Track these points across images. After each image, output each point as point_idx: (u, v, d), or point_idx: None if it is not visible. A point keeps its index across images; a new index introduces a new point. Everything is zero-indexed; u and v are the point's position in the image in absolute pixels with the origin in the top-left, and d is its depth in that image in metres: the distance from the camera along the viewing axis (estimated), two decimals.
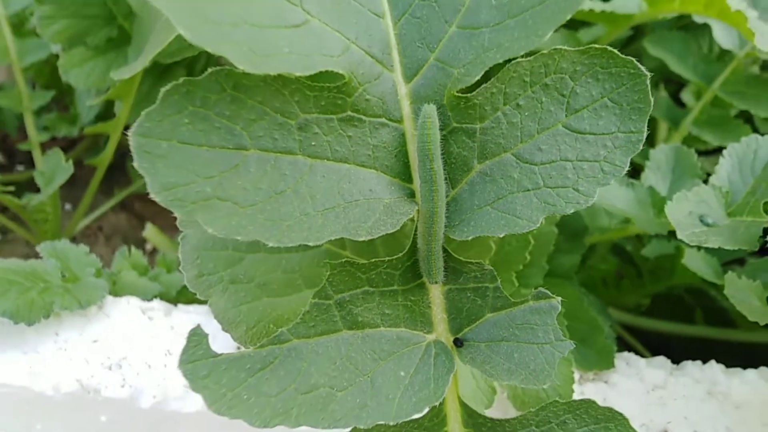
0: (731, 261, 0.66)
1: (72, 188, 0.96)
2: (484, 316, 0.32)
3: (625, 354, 0.55)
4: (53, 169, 0.74)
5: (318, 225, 0.28)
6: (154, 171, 0.26)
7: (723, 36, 0.65)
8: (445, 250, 0.32)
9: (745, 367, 0.58)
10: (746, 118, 0.74)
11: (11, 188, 0.75)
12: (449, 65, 0.32)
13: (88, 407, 0.52)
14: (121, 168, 0.96)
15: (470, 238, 0.30)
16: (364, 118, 0.31)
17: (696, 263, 0.57)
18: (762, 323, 0.50)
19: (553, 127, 0.31)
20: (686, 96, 0.73)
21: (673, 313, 0.79)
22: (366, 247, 0.45)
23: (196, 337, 0.29)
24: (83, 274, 0.58)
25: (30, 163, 1.03)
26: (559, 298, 0.31)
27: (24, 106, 0.83)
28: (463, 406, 0.34)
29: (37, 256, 0.79)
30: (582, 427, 0.31)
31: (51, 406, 0.53)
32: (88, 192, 0.81)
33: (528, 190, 0.31)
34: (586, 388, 0.52)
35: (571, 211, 0.29)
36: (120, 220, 0.93)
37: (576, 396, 0.52)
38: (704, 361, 0.58)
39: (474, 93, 0.32)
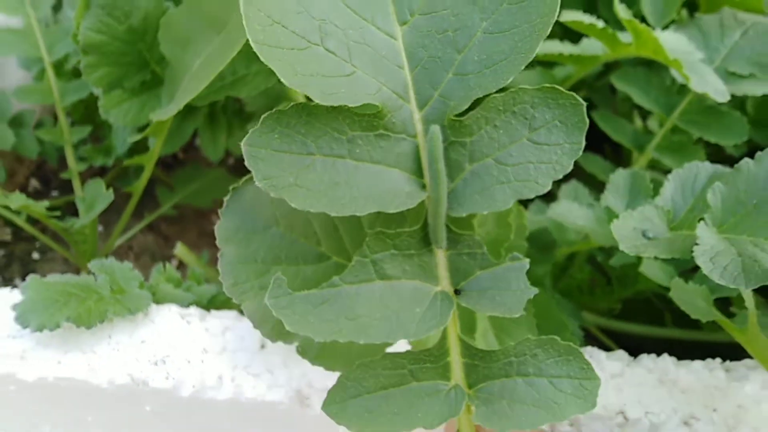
0: (691, 269, 0.75)
1: (103, 211, 1.07)
2: (474, 273, 0.45)
3: (589, 348, 0.65)
4: (94, 196, 0.85)
5: (361, 203, 0.41)
6: (257, 168, 0.40)
7: (677, 73, 0.75)
8: (447, 226, 0.45)
9: None
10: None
11: (57, 213, 0.86)
12: (448, 99, 0.44)
13: (136, 398, 0.62)
14: (148, 192, 1.07)
15: (464, 215, 0.44)
16: (391, 134, 0.44)
17: (652, 271, 0.67)
18: (704, 320, 0.60)
19: (520, 140, 0.43)
20: (651, 123, 0.83)
21: (645, 316, 0.88)
22: None
23: (278, 281, 0.41)
24: (129, 287, 0.68)
25: (63, 190, 1.13)
26: (527, 260, 0.44)
27: (65, 139, 0.93)
28: (461, 340, 0.46)
29: (74, 272, 0.89)
30: (549, 358, 0.44)
31: (104, 398, 0.63)
32: (125, 215, 0.91)
33: (503, 183, 0.43)
34: None
35: (533, 195, 0.43)
36: (148, 239, 1.04)
37: None
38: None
39: (464, 117, 0.44)
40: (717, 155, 0.99)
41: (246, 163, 0.39)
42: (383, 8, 0.44)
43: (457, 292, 0.46)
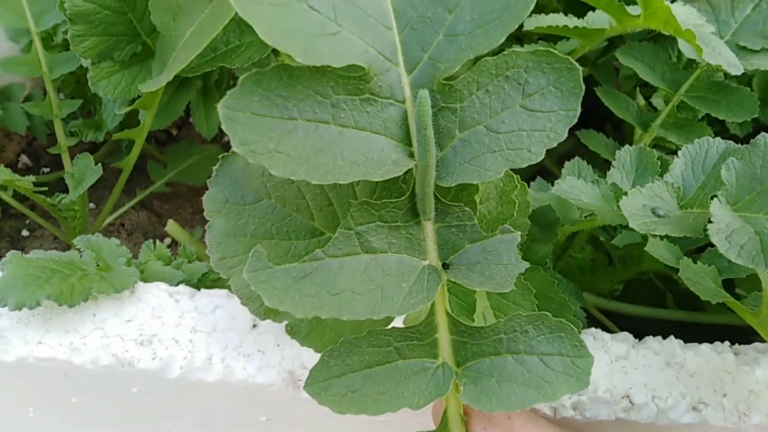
0: (696, 250, 0.73)
1: (95, 188, 1.04)
2: (464, 246, 0.43)
3: (593, 330, 0.62)
4: (83, 171, 0.82)
5: (345, 171, 0.39)
6: (235, 132, 0.37)
7: (686, 47, 0.72)
8: (435, 196, 0.43)
9: None
10: (717, 120, 0.81)
11: (44, 189, 0.83)
12: (438, 62, 0.42)
13: (122, 379, 0.60)
14: (141, 169, 1.04)
15: (453, 185, 0.42)
16: (378, 99, 0.41)
17: (658, 250, 0.64)
18: (714, 302, 0.57)
19: (513, 106, 0.41)
20: (656, 101, 0.80)
21: (647, 297, 0.86)
22: None
23: (257, 254, 0.39)
24: (115, 264, 0.65)
25: (54, 166, 1.11)
26: (518, 233, 0.42)
27: (54, 114, 0.91)
28: (449, 316, 0.44)
29: (65, 250, 0.87)
30: (540, 335, 0.42)
31: (88, 379, 0.61)
32: (114, 192, 0.88)
33: (495, 151, 0.41)
34: None
35: (525, 165, 0.40)
36: (140, 217, 1.01)
37: None
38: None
39: (455, 81, 0.42)
40: (720, 136, 0.97)
41: (223, 126, 0.37)
42: None
43: (445, 266, 0.43)
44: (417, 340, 0.44)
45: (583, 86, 0.39)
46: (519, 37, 0.95)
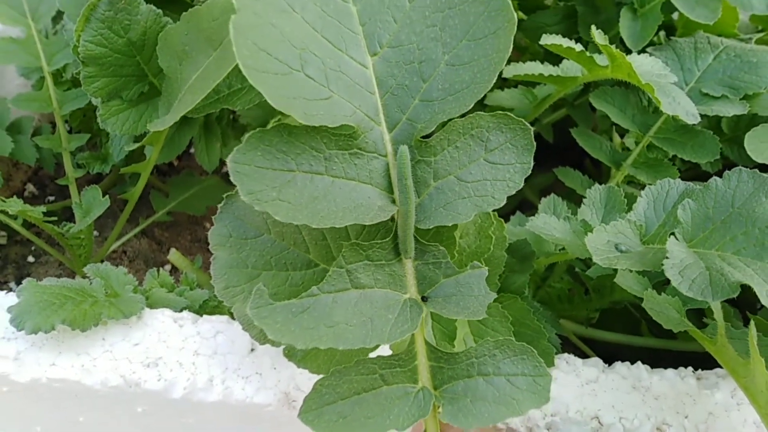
0: (666, 281, 0.78)
1: (98, 217, 1.09)
2: (439, 281, 0.49)
3: (565, 355, 0.67)
4: (91, 203, 0.87)
5: (339, 216, 0.45)
6: (242, 183, 0.43)
7: None
8: (415, 237, 0.49)
9: None
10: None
11: (54, 218, 0.88)
12: (415, 122, 0.49)
13: (128, 399, 0.64)
14: (143, 198, 1.09)
15: (431, 227, 0.48)
16: (364, 152, 0.48)
17: (627, 281, 0.69)
18: (676, 330, 0.63)
19: (478, 160, 0.48)
20: (628, 141, 0.86)
21: (622, 325, 0.91)
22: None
23: (259, 291, 0.44)
24: (123, 291, 0.70)
25: (59, 195, 1.16)
26: (486, 268, 0.48)
27: (63, 147, 0.96)
28: (428, 344, 0.49)
29: (69, 276, 0.91)
30: (505, 358, 0.48)
31: (97, 399, 0.65)
32: (120, 221, 0.93)
33: (464, 197, 0.48)
34: None
35: (491, 209, 0.48)
36: (142, 244, 1.06)
37: None
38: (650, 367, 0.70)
39: (430, 139, 0.49)
40: (693, 172, 1.03)
41: (231, 178, 0.42)
42: (355, 41, 0.48)
43: (424, 299, 0.49)
44: (399, 367, 0.49)
45: (534, 143, 0.47)
46: (504, 79, 1.02)
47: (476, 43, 0.47)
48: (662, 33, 0.88)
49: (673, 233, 0.59)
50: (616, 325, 0.91)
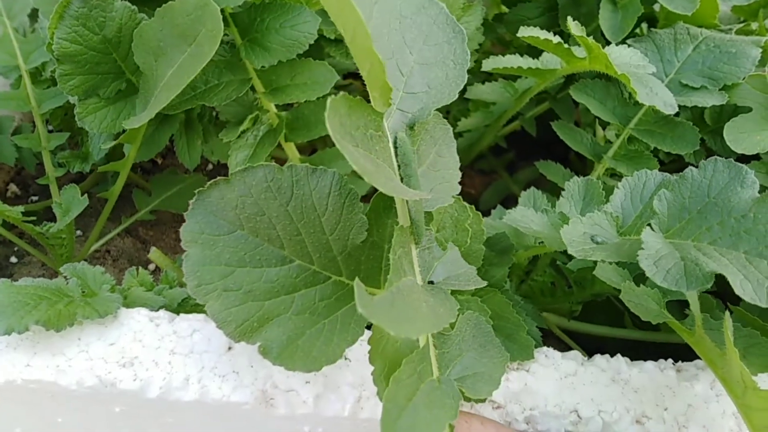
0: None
1: (81, 216, 1.08)
2: (433, 265, 0.51)
3: (544, 348, 0.67)
4: (70, 201, 0.86)
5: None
6: None
7: None
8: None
9: None
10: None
11: (33, 218, 0.87)
12: (405, 112, 0.50)
13: (105, 400, 0.64)
14: (126, 197, 1.08)
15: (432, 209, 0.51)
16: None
17: (606, 273, 0.69)
18: (655, 322, 0.62)
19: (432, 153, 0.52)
20: (609, 134, 0.86)
21: (606, 317, 0.91)
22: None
23: (359, 287, 0.43)
24: (100, 290, 0.70)
25: (42, 194, 1.15)
26: (458, 248, 0.52)
27: (42, 146, 0.95)
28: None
29: (52, 276, 0.90)
30: None
31: (73, 400, 0.64)
32: (100, 220, 0.93)
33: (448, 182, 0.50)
34: (511, 375, 0.64)
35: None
36: (126, 243, 1.05)
37: (502, 381, 0.63)
38: (632, 359, 0.70)
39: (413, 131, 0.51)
40: (676, 164, 1.03)
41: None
42: None
43: (431, 283, 0.50)
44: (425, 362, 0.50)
45: (454, 140, 0.53)
46: (489, 73, 1.02)
47: (435, 47, 0.50)
48: (644, 25, 0.88)
49: (649, 224, 0.59)
50: (599, 318, 0.90)
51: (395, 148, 0.48)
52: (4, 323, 0.60)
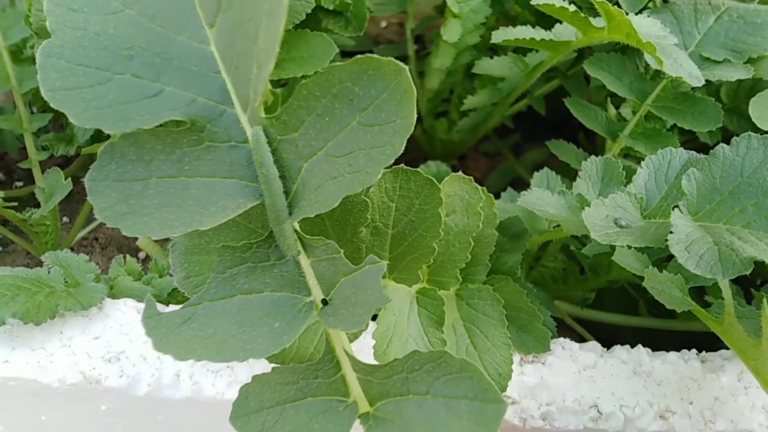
0: (665, 258, 0.74)
1: (68, 202, 1.03)
2: (339, 280, 0.42)
3: (561, 339, 0.63)
4: (53, 186, 0.81)
5: (196, 220, 0.41)
6: (96, 202, 0.40)
7: (651, 58, 0.73)
8: (297, 232, 0.43)
9: None
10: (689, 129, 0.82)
11: (14, 203, 0.82)
12: (257, 94, 0.41)
13: (90, 397, 0.59)
14: None
15: (299, 219, 0.42)
16: (218, 144, 0.42)
17: (625, 259, 0.65)
18: (680, 310, 0.58)
19: (350, 125, 0.40)
20: (624, 111, 0.81)
21: (619, 305, 0.87)
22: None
23: (150, 302, 0.40)
24: (84, 280, 0.65)
25: (27, 180, 1.10)
26: (384, 262, 0.39)
27: (24, 128, 0.90)
28: (349, 355, 0.43)
29: (37, 265, 0.86)
30: (443, 375, 0.39)
31: (56, 397, 0.60)
32: (86, 205, 0.88)
33: (335, 177, 0.41)
34: (526, 369, 0.60)
35: (362, 188, 0.40)
36: (114, 231, 1.00)
37: (516, 376, 0.59)
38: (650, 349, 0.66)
39: (278, 112, 0.42)
40: (691, 144, 0.98)
41: (89, 198, 0.40)
42: (192, 16, 0.43)
43: (324, 302, 0.43)
44: (323, 378, 0.44)
45: (414, 87, 0.38)
46: (493, 48, 0.96)
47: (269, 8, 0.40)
48: None
49: (676, 206, 0.54)
50: (612, 306, 0.86)
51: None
52: None
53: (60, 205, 0.93)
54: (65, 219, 1.03)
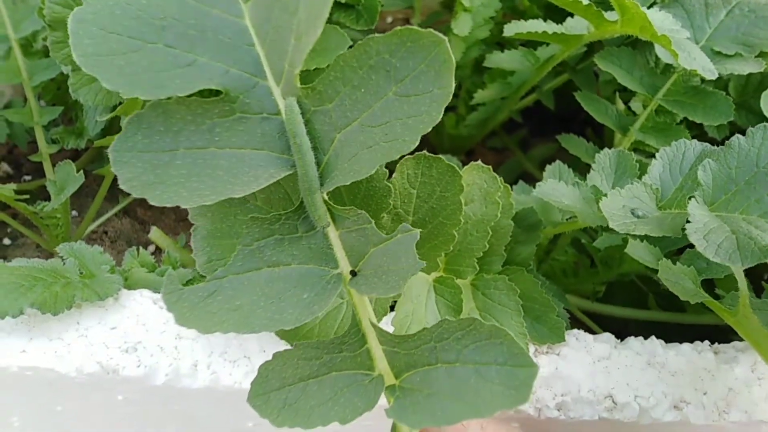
0: (676, 252, 0.74)
1: (77, 196, 1.03)
2: (369, 251, 0.42)
3: (575, 331, 0.63)
4: (65, 178, 0.81)
5: (228, 189, 0.41)
6: (121, 171, 0.39)
7: (663, 52, 0.73)
8: (327, 203, 0.43)
9: None
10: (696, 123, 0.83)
11: (26, 196, 0.82)
12: (293, 67, 0.42)
13: (107, 387, 0.60)
14: None
15: (334, 187, 0.42)
16: (249, 115, 0.42)
17: (638, 252, 0.65)
18: (693, 302, 0.59)
19: (386, 96, 0.41)
20: (635, 105, 0.81)
21: (629, 299, 0.87)
22: None
23: (171, 277, 0.41)
24: (98, 271, 0.65)
25: (36, 174, 1.09)
26: (417, 231, 0.40)
27: (35, 121, 0.90)
28: (376, 327, 0.43)
29: (47, 258, 0.86)
30: (473, 342, 0.38)
31: (73, 387, 0.60)
32: (97, 199, 0.88)
33: (370, 146, 0.41)
34: (540, 360, 0.60)
35: (399, 155, 0.40)
36: (124, 224, 1.00)
37: None
38: None
39: (315, 83, 0.42)
40: (699, 139, 0.98)
41: (113, 169, 0.39)
42: None
43: (353, 273, 0.43)
44: (348, 352, 0.43)
45: (453, 58, 0.39)
46: (500, 43, 0.97)
47: None
48: None
49: (692, 196, 0.55)
50: (622, 300, 0.87)
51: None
52: None
53: (69, 199, 0.93)
54: (74, 213, 1.03)
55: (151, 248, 0.99)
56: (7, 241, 1.00)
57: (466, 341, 0.39)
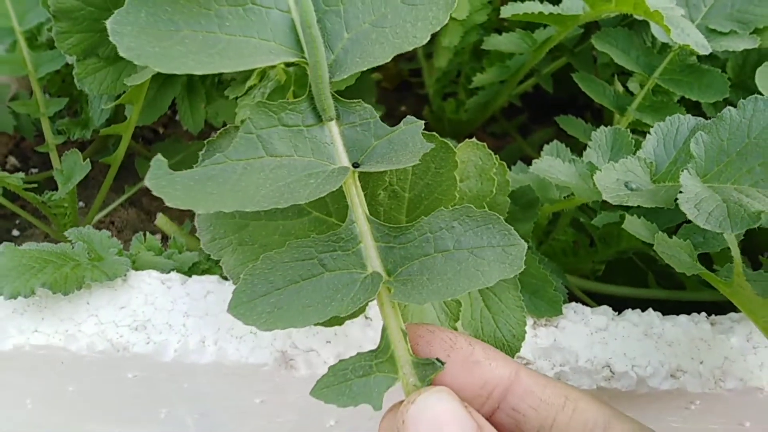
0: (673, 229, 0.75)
1: (84, 186, 1.05)
2: (371, 144, 0.43)
3: (573, 304, 0.65)
4: (71, 167, 0.83)
5: (237, 62, 0.41)
6: (121, 41, 0.39)
7: (658, 30, 0.74)
8: (334, 96, 0.44)
9: None
10: (694, 103, 0.84)
11: (34, 185, 0.84)
12: None
13: (117, 365, 0.61)
14: (129, 167, 1.05)
15: (346, 76, 0.44)
16: (261, 8, 0.44)
17: (635, 227, 0.66)
18: (689, 274, 0.60)
19: (394, 2, 0.44)
20: (632, 85, 0.82)
21: (628, 277, 0.88)
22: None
23: (158, 162, 0.39)
24: (107, 254, 0.67)
25: (43, 167, 1.11)
26: (422, 121, 0.43)
27: (41, 112, 0.91)
28: (371, 221, 0.43)
29: None
30: (467, 230, 0.42)
31: (84, 366, 0.62)
32: (103, 188, 0.89)
33: (382, 43, 0.44)
34: (539, 331, 0.61)
35: (412, 48, 0.43)
36: (130, 214, 1.02)
37: (529, 338, 0.61)
38: None
39: None
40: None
41: (110, 37, 0.39)
42: None
43: (355, 165, 0.43)
44: (341, 250, 0.43)
45: None
46: (498, 29, 0.98)
47: None
48: None
49: (686, 168, 0.56)
50: (621, 279, 0.88)
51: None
52: (9, 286, 0.57)
53: (77, 189, 0.94)
54: (81, 204, 1.05)
55: (157, 237, 1.01)
56: (16, 232, 1.01)
57: (461, 229, 0.41)
